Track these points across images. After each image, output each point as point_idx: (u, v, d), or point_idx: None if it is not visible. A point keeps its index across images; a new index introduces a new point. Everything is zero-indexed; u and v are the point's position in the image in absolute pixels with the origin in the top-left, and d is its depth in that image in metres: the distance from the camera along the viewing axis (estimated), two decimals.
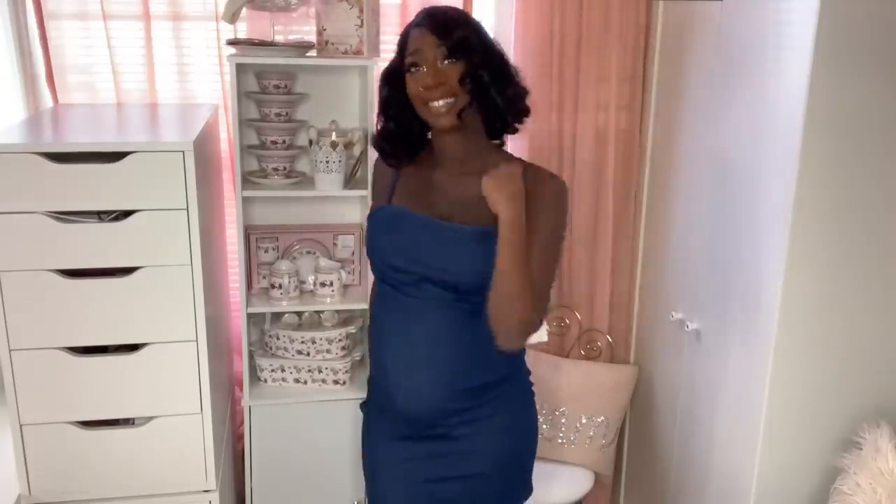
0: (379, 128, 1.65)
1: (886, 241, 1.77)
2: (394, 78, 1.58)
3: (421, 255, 1.55)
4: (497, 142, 1.64)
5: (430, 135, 1.64)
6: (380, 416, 1.73)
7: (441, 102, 1.50)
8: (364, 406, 1.80)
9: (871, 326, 1.82)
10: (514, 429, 1.70)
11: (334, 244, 2.41)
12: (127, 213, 1.68)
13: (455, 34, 1.49)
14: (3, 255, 1.65)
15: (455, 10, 1.60)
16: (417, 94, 1.52)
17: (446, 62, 1.50)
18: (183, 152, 1.67)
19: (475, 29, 1.54)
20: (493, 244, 1.48)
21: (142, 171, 1.66)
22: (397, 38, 1.60)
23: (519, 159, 1.64)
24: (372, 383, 1.75)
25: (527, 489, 1.78)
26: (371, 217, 1.67)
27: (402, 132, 1.62)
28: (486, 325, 1.55)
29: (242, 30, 2.30)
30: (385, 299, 1.66)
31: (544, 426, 2.44)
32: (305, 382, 2.32)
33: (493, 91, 1.52)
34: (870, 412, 1.83)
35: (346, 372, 2.30)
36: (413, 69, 1.52)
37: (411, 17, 2.33)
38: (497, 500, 1.73)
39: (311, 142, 2.18)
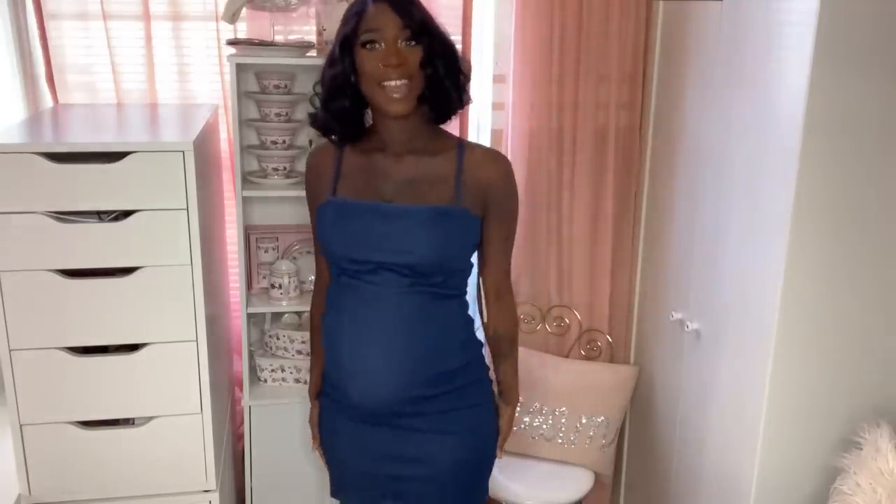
0: (326, 105, 1.57)
1: (885, 241, 1.77)
2: (344, 52, 1.51)
3: (375, 242, 1.53)
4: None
5: (367, 117, 1.61)
6: (339, 411, 1.68)
7: (399, 83, 1.45)
8: (319, 396, 1.76)
9: (870, 326, 1.82)
10: (476, 431, 1.67)
11: None
12: (127, 213, 1.68)
13: (415, 15, 1.47)
14: (3, 255, 1.65)
15: None
16: (374, 71, 1.46)
17: (406, 44, 1.47)
18: (183, 152, 1.67)
19: (427, 11, 1.51)
20: (447, 223, 1.53)
21: (142, 171, 1.66)
22: None
23: (458, 138, 1.65)
24: (326, 379, 1.71)
25: (484, 494, 1.77)
26: (319, 213, 1.61)
27: (354, 110, 1.57)
28: (446, 309, 1.58)
29: (242, 30, 2.30)
30: (341, 290, 1.61)
31: (544, 426, 2.44)
32: (305, 382, 2.32)
33: (448, 82, 1.52)
34: (869, 412, 1.83)
35: None
36: (369, 46, 1.47)
37: None
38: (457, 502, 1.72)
39: (311, 142, 2.18)
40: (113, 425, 1.81)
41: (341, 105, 1.55)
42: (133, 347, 1.76)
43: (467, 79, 1.58)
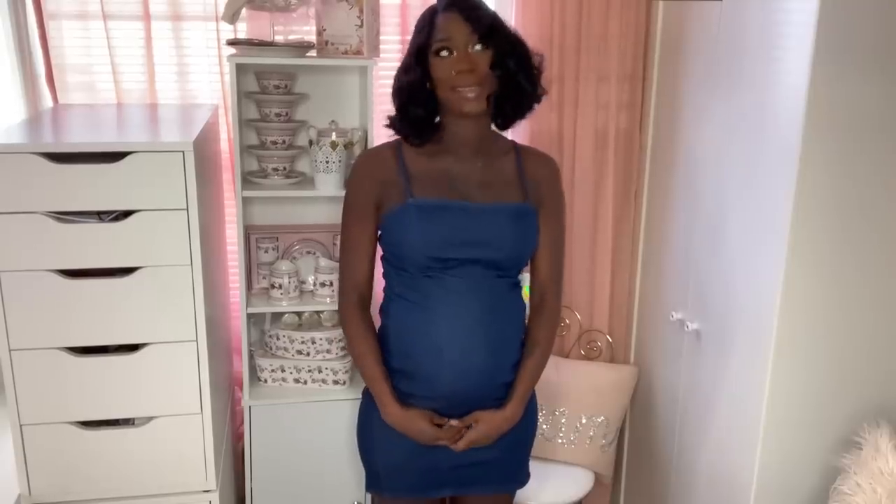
0: (401, 111, 1.65)
1: (886, 241, 1.77)
2: (419, 61, 1.60)
3: (469, 239, 1.61)
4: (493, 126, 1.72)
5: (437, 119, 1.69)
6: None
7: (471, 88, 1.54)
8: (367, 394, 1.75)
9: (870, 326, 1.82)
10: (528, 410, 1.76)
11: (334, 244, 2.41)
12: (127, 213, 1.68)
13: (483, 20, 1.54)
14: (3, 255, 1.65)
15: None
16: (447, 78, 1.55)
17: (476, 48, 1.54)
18: (183, 152, 1.67)
19: (496, 14, 1.59)
20: (525, 220, 1.66)
21: (142, 171, 1.66)
22: (397, 38, 1.61)
23: (511, 141, 1.76)
24: (398, 377, 1.68)
25: (527, 475, 1.86)
26: (398, 214, 1.62)
27: (427, 115, 1.64)
28: (517, 297, 1.71)
29: (242, 30, 2.30)
30: (419, 288, 1.64)
31: (544, 426, 2.44)
32: (305, 382, 2.32)
33: (521, 77, 1.58)
34: (870, 412, 1.83)
35: (346, 372, 2.30)
36: (442, 53, 1.55)
37: (411, 16, 2.34)
38: (504, 484, 1.82)
39: (311, 142, 2.17)
40: (113, 425, 1.81)
41: (417, 111, 1.63)
42: (133, 347, 1.76)
43: (540, 72, 1.65)
